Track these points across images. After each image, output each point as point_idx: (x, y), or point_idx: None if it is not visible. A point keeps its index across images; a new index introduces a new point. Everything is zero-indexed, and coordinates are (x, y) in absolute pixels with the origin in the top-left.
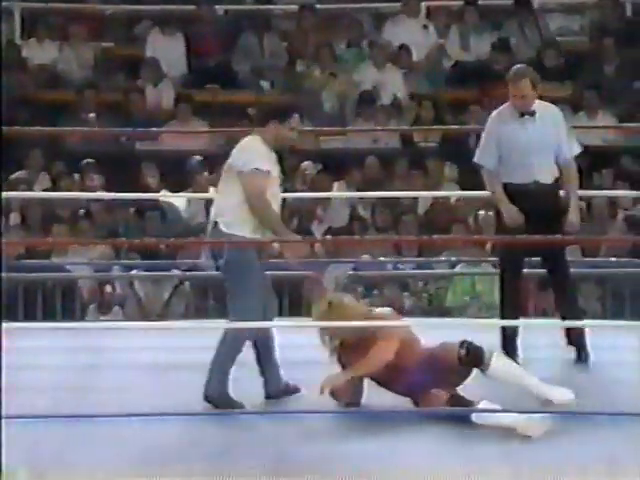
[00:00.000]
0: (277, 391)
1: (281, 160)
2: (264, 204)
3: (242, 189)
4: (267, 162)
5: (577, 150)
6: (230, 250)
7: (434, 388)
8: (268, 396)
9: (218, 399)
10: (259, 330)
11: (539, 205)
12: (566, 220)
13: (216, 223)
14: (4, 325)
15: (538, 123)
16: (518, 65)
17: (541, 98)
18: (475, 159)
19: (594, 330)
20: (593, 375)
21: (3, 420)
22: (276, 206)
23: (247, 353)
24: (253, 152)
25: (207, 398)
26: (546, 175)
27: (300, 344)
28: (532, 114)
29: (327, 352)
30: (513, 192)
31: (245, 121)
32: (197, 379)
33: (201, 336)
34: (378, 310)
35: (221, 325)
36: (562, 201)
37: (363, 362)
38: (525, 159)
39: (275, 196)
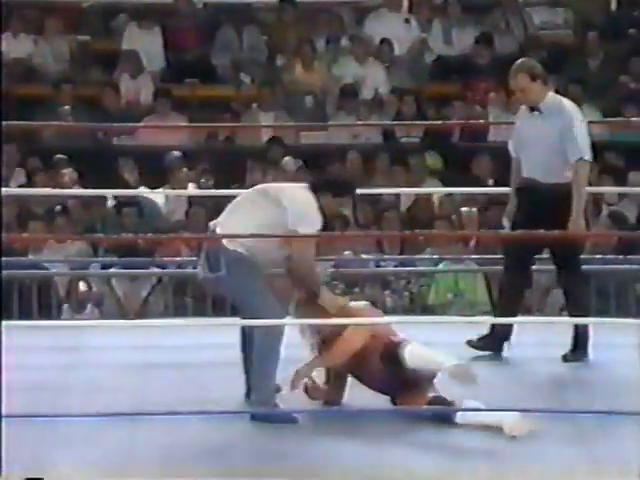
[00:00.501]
0: None
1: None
2: (311, 272)
3: (288, 245)
4: (318, 227)
5: (579, 155)
6: (228, 256)
7: (411, 386)
8: (248, 394)
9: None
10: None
11: (535, 203)
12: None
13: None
14: None
15: (543, 120)
16: (522, 59)
17: (557, 93)
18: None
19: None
20: (580, 373)
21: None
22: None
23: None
24: (310, 211)
25: (254, 416)
26: (546, 174)
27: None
28: (538, 110)
29: (307, 348)
30: (519, 187)
31: (226, 115)
32: (176, 377)
33: (180, 334)
34: (353, 304)
35: (200, 323)
36: (563, 202)
37: (329, 352)
38: (527, 155)
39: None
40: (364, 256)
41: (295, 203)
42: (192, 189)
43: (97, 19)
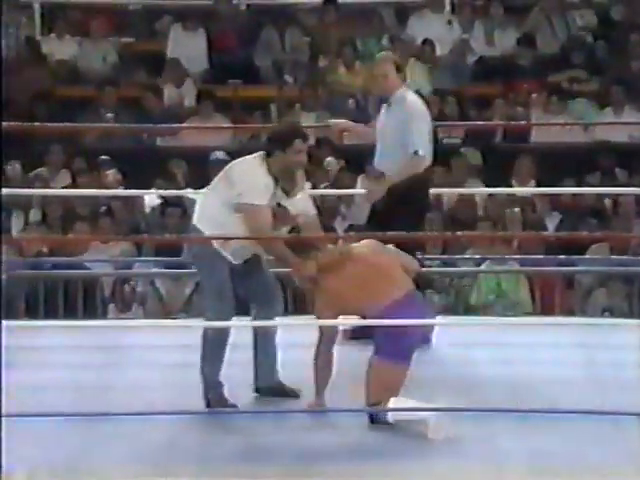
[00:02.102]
0: (267, 388)
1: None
2: (265, 239)
3: (240, 216)
4: (267, 195)
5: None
6: (196, 247)
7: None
8: (257, 390)
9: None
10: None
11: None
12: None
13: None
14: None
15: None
16: None
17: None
18: None
19: (619, 328)
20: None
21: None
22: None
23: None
24: (253, 183)
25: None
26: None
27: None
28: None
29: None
30: None
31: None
32: (226, 376)
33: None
34: (355, 246)
35: (243, 324)
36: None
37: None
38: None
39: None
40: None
41: (240, 175)
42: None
43: (141, 21)
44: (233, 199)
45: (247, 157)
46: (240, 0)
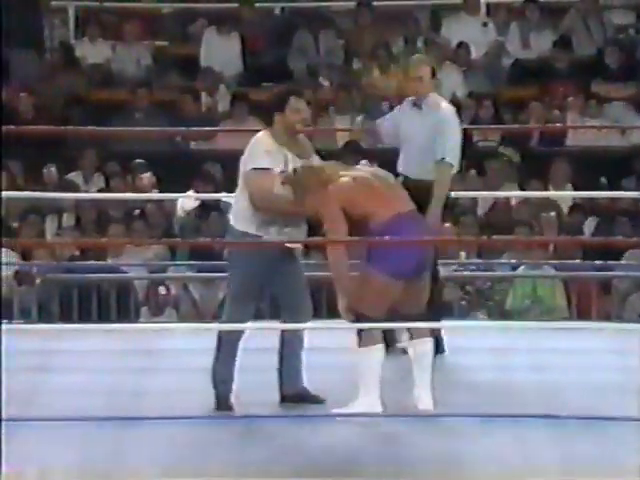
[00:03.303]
0: (292, 394)
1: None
2: (266, 203)
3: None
4: (268, 159)
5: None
6: (233, 235)
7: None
8: (282, 396)
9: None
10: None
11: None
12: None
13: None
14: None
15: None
16: None
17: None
18: None
19: None
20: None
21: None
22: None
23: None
24: (254, 151)
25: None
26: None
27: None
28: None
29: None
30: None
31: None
32: (251, 381)
33: (256, 337)
34: (344, 174)
35: (276, 326)
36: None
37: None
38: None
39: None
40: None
41: (245, 152)
42: None
43: (175, 25)
44: (243, 176)
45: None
46: (274, 3)
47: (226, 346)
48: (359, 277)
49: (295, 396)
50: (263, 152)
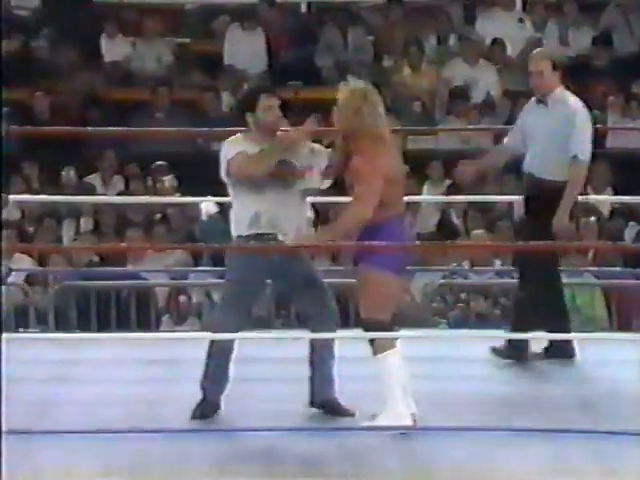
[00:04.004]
0: (322, 404)
1: None
2: (243, 165)
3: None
4: (234, 148)
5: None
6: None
7: None
8: (312, 405)
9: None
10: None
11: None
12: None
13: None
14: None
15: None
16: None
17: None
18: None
19: None
20: None
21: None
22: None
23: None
24: (224, 150)
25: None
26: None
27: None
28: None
29: None
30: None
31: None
32: (270, 392)
33: (281, 346)
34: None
35: (302, 335)
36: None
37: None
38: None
39: None
40: (475, 267)
41: (221, 155)
42: None
43: (198, 21)
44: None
45: None
46: None
47: (217, 352)
48: (361, 282)
49: (325, 406)
50: (230, 145)
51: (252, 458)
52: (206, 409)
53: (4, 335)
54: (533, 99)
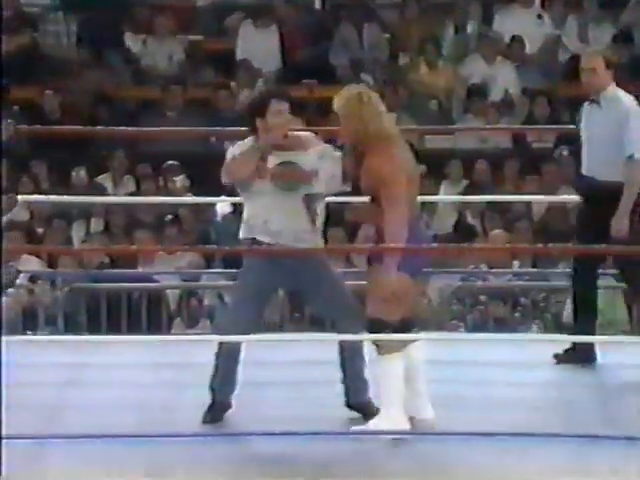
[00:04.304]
0: (357, 405)
1: None
2: (229, 172)
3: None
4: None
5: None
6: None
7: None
8: (348, 406)
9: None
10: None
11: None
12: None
13: None
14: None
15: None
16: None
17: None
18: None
19: None
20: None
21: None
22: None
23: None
24: (228, 153)
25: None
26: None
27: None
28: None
29: None
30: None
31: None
32: (282, 396)
33: (292, 349)
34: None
35: (316, 337)
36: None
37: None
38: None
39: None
40: (493, 270)
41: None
42: None
43: (210, 18)
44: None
45: None
46: None
47: (226, 353)
48: (373, 281)
49: (358, 407)
50: (234, 148)
51: (265, 463)
52: (216, 413)
53: (13, 338)
54: (586, 103)
